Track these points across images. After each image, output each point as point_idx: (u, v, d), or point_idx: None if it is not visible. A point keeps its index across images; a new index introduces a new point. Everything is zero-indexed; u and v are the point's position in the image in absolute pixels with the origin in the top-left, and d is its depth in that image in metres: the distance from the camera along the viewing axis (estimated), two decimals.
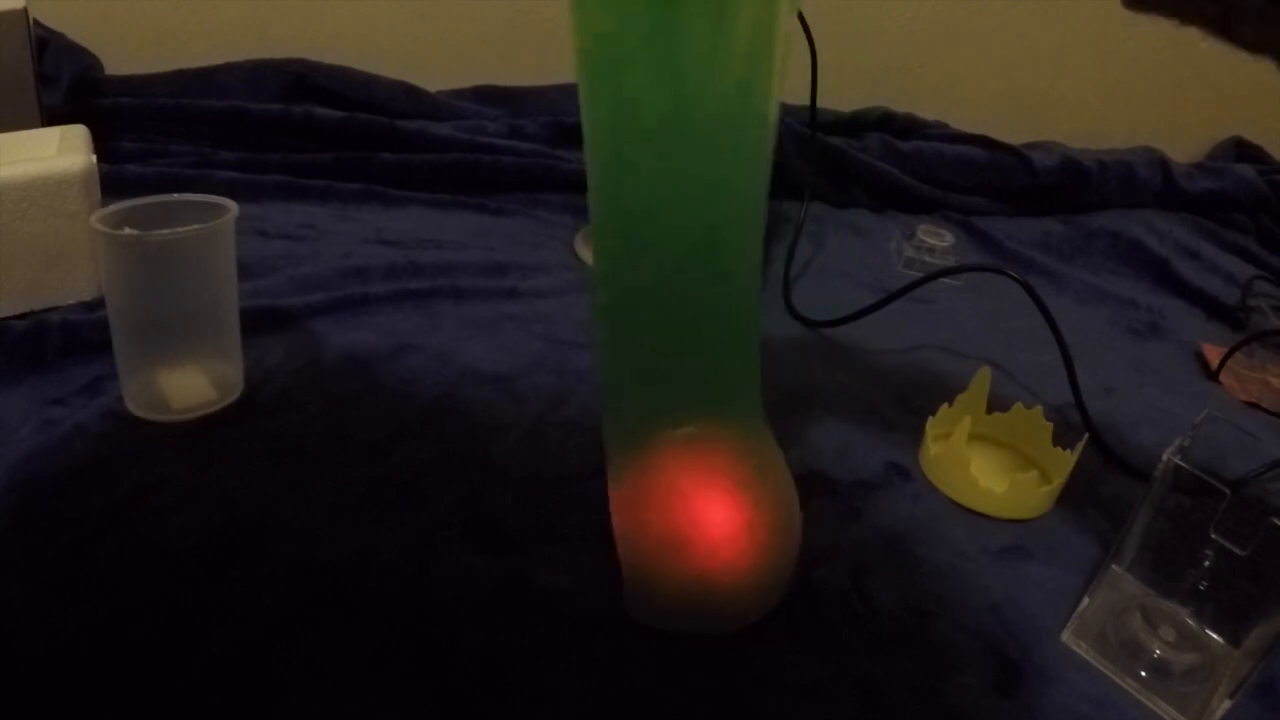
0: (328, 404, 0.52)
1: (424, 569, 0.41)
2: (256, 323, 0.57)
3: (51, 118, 0.71)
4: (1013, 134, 1.13)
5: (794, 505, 0.41)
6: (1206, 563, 0.40)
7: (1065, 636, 0.42)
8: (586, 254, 0.79)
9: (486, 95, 1.09)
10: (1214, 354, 0.74)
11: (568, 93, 1.10)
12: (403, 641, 0.37)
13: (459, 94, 1.07)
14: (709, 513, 0.39)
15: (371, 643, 0.37)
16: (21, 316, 0.54)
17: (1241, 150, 1.26)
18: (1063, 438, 0.54)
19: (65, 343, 0.53)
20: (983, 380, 0.56)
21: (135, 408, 0.49)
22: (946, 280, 0.84)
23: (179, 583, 0.38)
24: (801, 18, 0.77)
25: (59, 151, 0.56)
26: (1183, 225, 1.05)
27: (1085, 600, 0.42)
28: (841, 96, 1.10)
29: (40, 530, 0.40)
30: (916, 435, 0.54)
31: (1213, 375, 0.72)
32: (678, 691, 0.36)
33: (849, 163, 1.01)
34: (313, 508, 0.44)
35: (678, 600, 0.39)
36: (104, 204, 0.49)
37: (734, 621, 0.40)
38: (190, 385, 0.50)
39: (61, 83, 0.85)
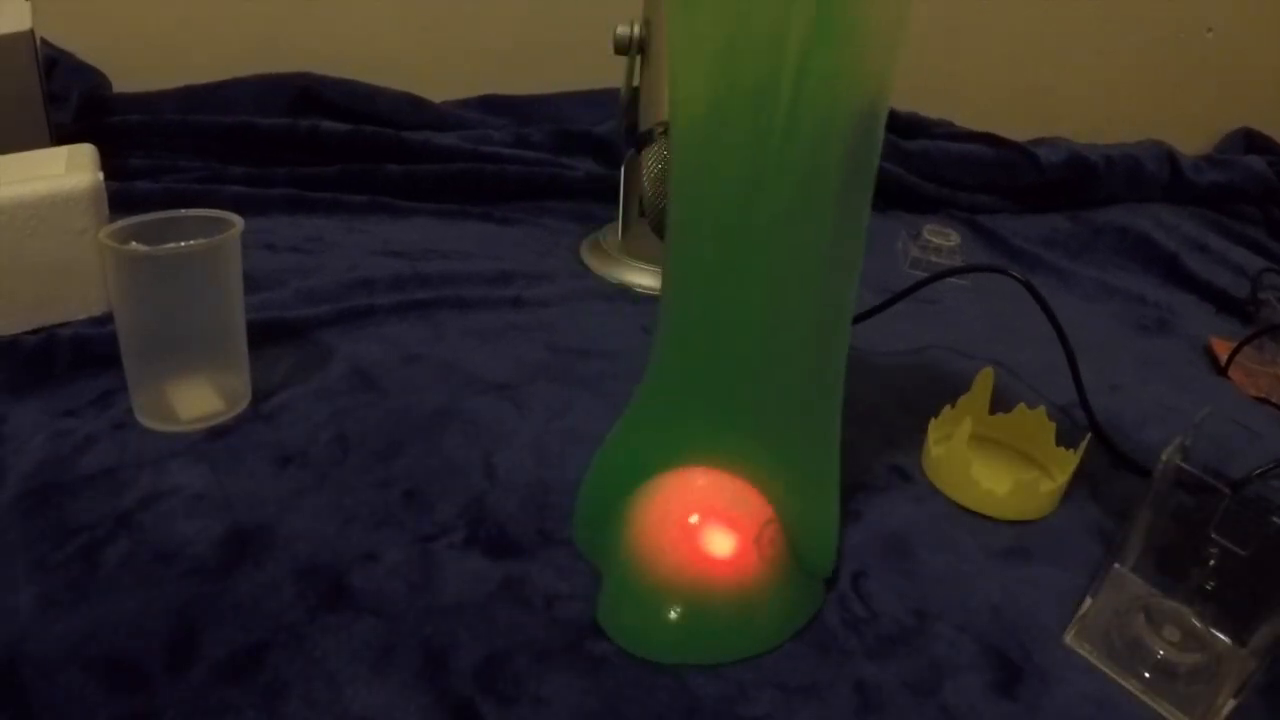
0: (333, 413, 0.53)
1: (426, 573, 0.41)
2: (264, 334, 0.58)
3: (61, 136, 0.72)
4: (1018, 131, 1.12)
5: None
6: (1211, 562, 0.40)
7: (1068, 638, 0.41)
8: (592, 261, 0.79)
9: (492, 105, 1.09)
10: (1223, 349, 0.74)
11: (573, 101, 1.10)
12: (405, 644, 0.37)
13: (464, 104, 1.08)
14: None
15: (374, 645, 0.37)
16: (33, 331, 0.55)
17: (1251, 141, 1.25)
18: (1068, 437, 0.54)
19: (75, 356, 0.54)
20: (985, 381, 0.56)
21: (144, 419, 0.50)
22: (952, 280, 0.84)
23: (186, 586, 0.39)
24: None
25: (67, 169, 0.57)
26: (1191, 219, 1.04)
27: (1088, 601, 0.42)
28: None
29: (51, 536, 0.41)
30: (918, 437, 0.54)
31: (1222, 370, 0.72)
32: (677, 694, 0.36)
33: None
34: (318, 514, 0.44)
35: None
36: (112, 220, 0.50)
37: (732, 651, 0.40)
38: (198, 396, 0.51)
39: (70, 101, 0.87)
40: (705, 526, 0.40)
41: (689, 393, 0.41)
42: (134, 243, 0.48)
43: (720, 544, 0.40)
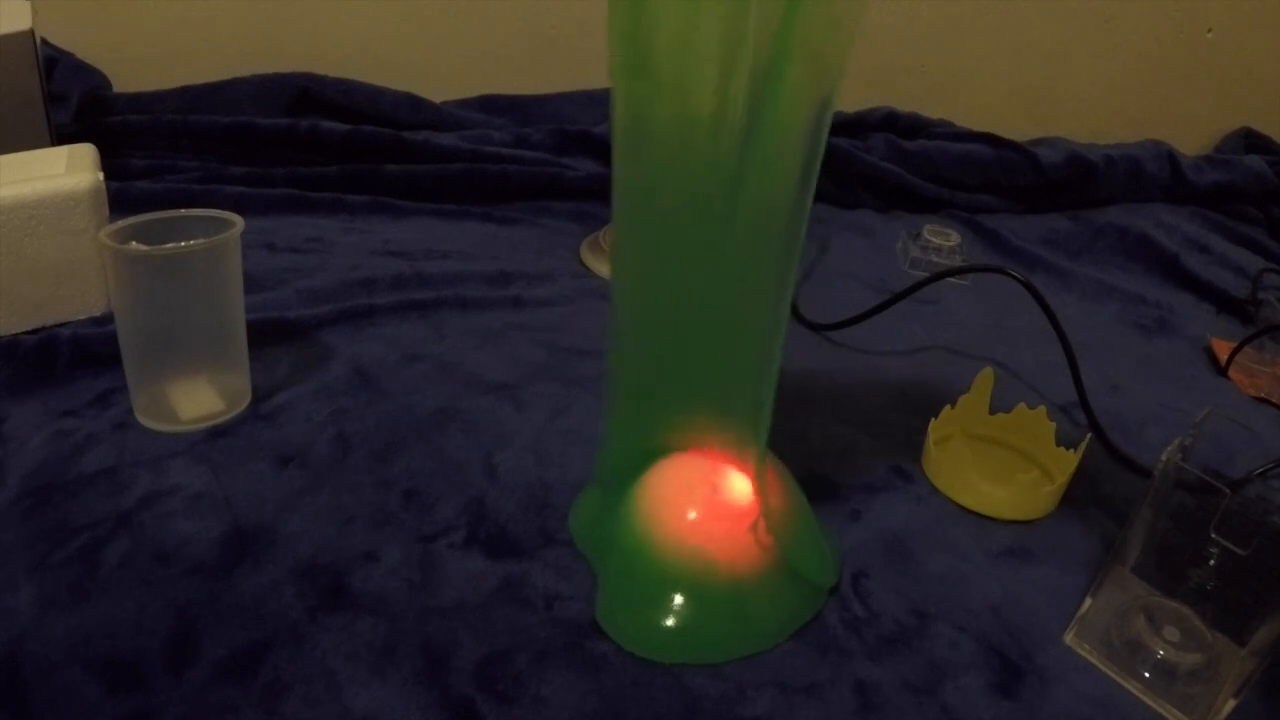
0: (333, 414, 0.53)
1: (426, 573, 0.41)
2: (264, 335, 0.58)
3: (61, 136, 0.72)
4: (1018, 131, 1.12)
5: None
6: (1211, 561, 0.40)
7: (1068, 638, 0.41)
8: (592, 261, 0.79)
9: (492, 105, 1.09)
10: (1223, 349, 0.74)
11: (573, 101, 1.10)
12: (405, 644, 0.37)
13: (464, 104, 1.08)
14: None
15: (374, 645, 0.37)
16: (33, 331, 0.56)
17: (1251, 141, 1.25)
18: (1068, 437, 0.54)
19: (75, 356, 0.54)
20: (985, 381, 0.56)
21: (145, 419, 0.50)
22: (952, 280, 0.84)
23: (186, 586, 0.39)
24: None
25: (67, 170, 0.57)
26: (1192, 219, 1.04)
27: (1088, 601, 0.42)
28: (845, 96, 1.10)
29: (51, 536, 0.41)
30: (919, 437, 0.54)
31: (1222, 370, 0.72)
32: (677, 694, 0.37)
33: (854, 163, 1.01)
34: (318, 514, 0.44)
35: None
36: (112, 220, 0.50)
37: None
38: (198, 396, 0.51)
39: (70, 101, 0.87)
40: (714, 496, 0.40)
41: (649, 378, 0.41)
42: (134, 243, 0.48)
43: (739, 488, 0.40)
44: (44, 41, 0.91)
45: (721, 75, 0.32)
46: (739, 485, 0.41)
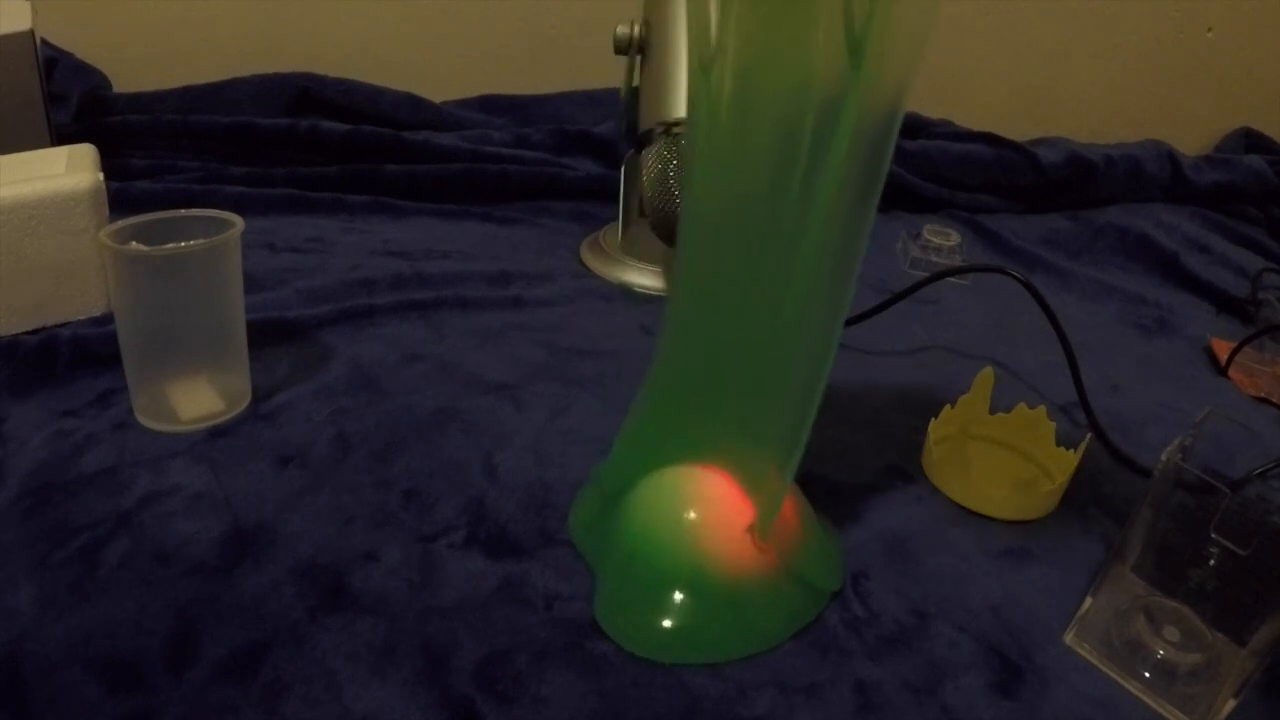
0: (333, 414, 0.53)
1: (426, 573, 0.41)
2: (264, 335, 0.58)
3: (61, 136, 0.72)
4: (1018, 130, 1.12)
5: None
6: (1211, 561, 0.40)
7: (1068, 638, 0.41)
8: (592, 261, 0.79)
9: (492, 105, 1.10)
10: (1223, 349, 0.74)
11: (573, 101, 1.11)
12: (405, 644, 0.37)
13: (464, 104, 1.09)
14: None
15: (374, 645, 0.37)
16: (33, 331, 0.56)
17: (1251, 141, 1.25)
18: (1068, 437, 0.54)
19: (75, 356, 0.54)
20: (985, 380, 0.56)
21: (145, 419, 0.50)
22: (952, 280, 0.84)
23: (186, 586, 0.39)
24: None
25: (67, 170, 0.57)
26: (1192, 219, 1.04)
27: (1088, 601, 0.42)
28: None
29: (51, 536, 0.41)
30: (919, 437, 0.54)
31: (1222, 370, 0.72)
32: (677, 694, 0.37)
33: None
34: (318, 514, 0.44)
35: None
36: (112, 220, 0.50)
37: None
38: (198, 396, 0.51)
39: (70, 101, 0.87)
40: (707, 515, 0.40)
41: (691, 397, 0.41)
42: (134, 243, 0.48)
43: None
44: (44, 41, 0.91)
45: (786, 121, 0.34)
46: (740, 492, 0.41)
